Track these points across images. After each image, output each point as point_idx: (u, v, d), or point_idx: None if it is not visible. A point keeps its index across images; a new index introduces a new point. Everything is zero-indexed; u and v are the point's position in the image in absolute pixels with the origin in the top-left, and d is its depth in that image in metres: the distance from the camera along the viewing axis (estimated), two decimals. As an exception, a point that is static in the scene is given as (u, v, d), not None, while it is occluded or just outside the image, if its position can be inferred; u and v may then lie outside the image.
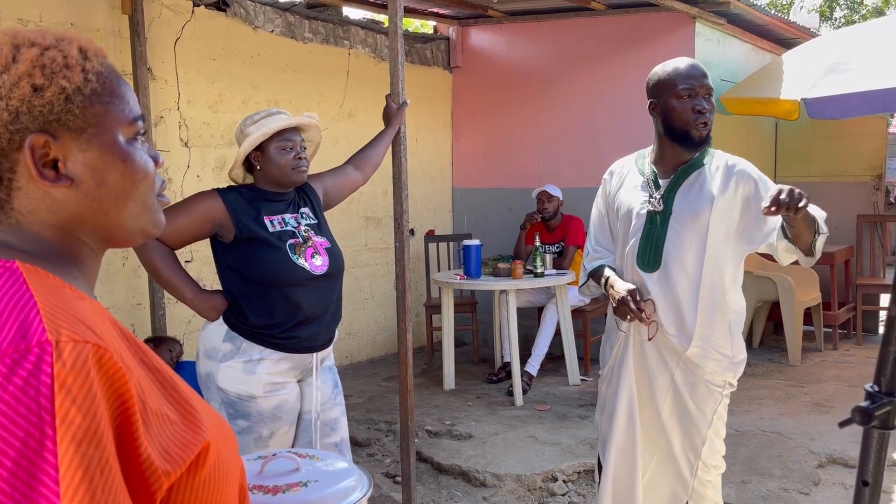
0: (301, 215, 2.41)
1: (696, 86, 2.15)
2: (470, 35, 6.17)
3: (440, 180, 6.28)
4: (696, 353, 2.20)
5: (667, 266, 2.20)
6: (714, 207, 2.16)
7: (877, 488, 1.01)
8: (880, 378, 0.98)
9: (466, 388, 4.94)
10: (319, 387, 2.42)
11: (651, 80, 2.27)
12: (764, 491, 3.32)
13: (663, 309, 2.21)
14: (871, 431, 0.99)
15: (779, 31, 6.01)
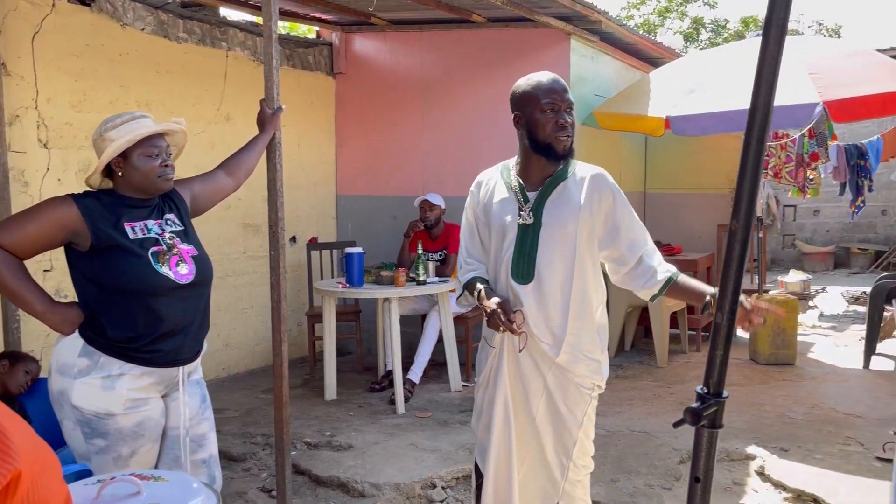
0: (165, 222, 2.31)
1: (558, 100, 2.22)
2: (353, 41, 6.15)
3: (323, 187, 6.20)
4: (566, 360, 2.27)
5: (540, 278, 2.26)
6: (580, 218, 2.24)
7: (707, 484, 1.08)
8: (709, 381, 1.04)
9: (349, 397, 4.89)
10: (186, 402, 2.32)
11: (515, 93, 2.32)
12: (631, 488, 3.47)
13: (536, 319, 2.26)
14: (702, 430, 1.05)
15: (647, 50, 6.35)
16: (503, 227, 2.33)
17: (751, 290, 6.03)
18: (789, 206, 12.14)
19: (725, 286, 1.01)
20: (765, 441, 3.97)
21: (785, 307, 5.62)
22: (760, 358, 5.67)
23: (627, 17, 22.60)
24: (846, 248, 11.70)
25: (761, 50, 0.92)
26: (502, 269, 2.33)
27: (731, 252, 0.99)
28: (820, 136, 7.33)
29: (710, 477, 1.07)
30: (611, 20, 5.28)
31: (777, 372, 5.46)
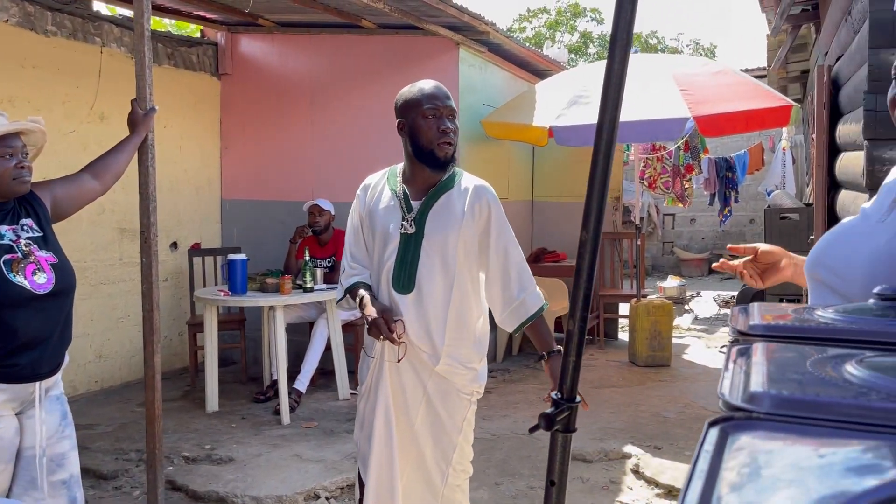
0: (21, 227, 2.16)
1: (440, 106, 2.24)
2: (240, 42, 5.99)
3: (208, 191, 6.00)
4: (445, 369, 2.28)
5: (420, 288, 2.26)
6: (461, 230, 2.26)
7: (562, 487, 1.11)
8: (562, 386, 1.08)
9: (232, 409, 4.74)
10: (44, 419, 2.17)
11: (399, 100, 2.33)
12: (514, 491, 3.54)
13: (416, 329, 2.26)
14: (556, 435, 1.08)
15: (534, 62, 6.54)
16: (385, 234, 2.32)
17: (630, 295, 6.30)
18: (668, 215, 12.80)
19: (577, 295, 1.04)
20: (640, 440, 4.15)
21: (661, 312, 5.91)
22: (638, 360, 5.93)
23: (520, 28, 23.21)
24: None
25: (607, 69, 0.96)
26: (383, 278, 2.32)
27: (582, 262, 1.02)
28: (694, 149, 7.78)
29: (565, 480, 1.11)
30: (498, 32, 5.39)
31: (654, 373, 5.72)
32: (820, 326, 0.92)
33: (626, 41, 0.95)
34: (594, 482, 3.64)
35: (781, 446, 0.56)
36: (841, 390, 0.65)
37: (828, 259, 1.35)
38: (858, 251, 1.29)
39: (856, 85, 3.31)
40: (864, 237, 1.32)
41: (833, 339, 0.88)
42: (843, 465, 0.48)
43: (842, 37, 3.99)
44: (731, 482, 0.50)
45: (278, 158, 5.90)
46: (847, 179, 3.59)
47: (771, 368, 0.75)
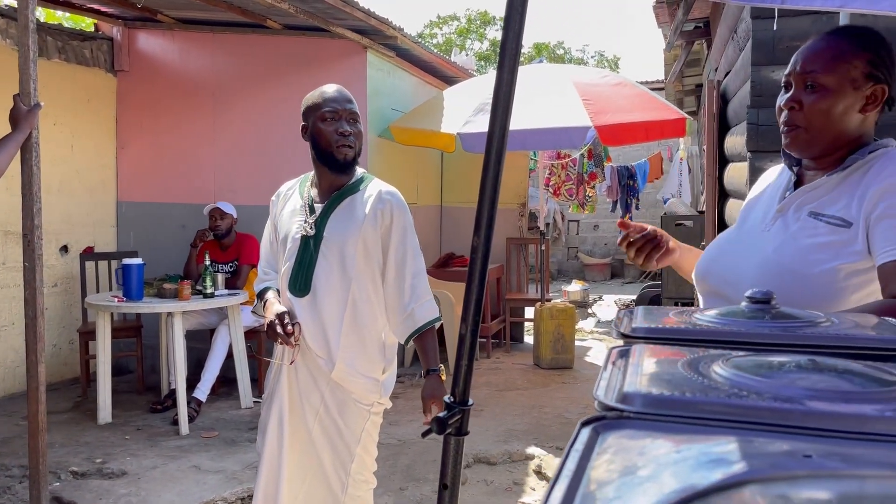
0: None
1: (339, 109, 2.23)
2: (137, 38, 5.75)
3: (102, 192, 5.73)
4: (340, 376, 2.26)
5: (315, 291, 2.24)
6: (361, 234, 2.24)
7: (455, 490, 1.11)
8: (454, 390, 1.08)
9: (126, 420, 4.53)
10: None
11: (303, 104, 2.32)
12: (419, 495, 3.54)
13: (311, 333, 2.25)
14: (449, 438, 1.09)
15: (442, 68, 6.59)
16: (287, 237, 2.32)
17: (534, 299, 6.43)
18: (573, 221, 13.16)
19: (469, 299, 1.05)
20: (543, 441, 4.24)
21: (564, 315, 6.06)
22: (543, 362, 6.06)
23: (430, 34, 23.37)
24: (621, 260, 12.90)
25: (497, 80, 0.98)
26: (282, 280, 2.31)
27: (473, 266, 1.04)
28: (597, 157, 8.04)
29: (458, 483, 1.12)
30: (406, 37, 5.40)
31: (557, 375, 5.86)
32: (697, 329, 0.97)
33: (514, 52, 0.97)
34: (497, 484, 3.68)
35: (647, 444, 0.58)
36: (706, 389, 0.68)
37: (718, 268, 1.42)
38: (746, 260, 1.37)
39: (741, 100, 3.51)
40: (752, 246, 1.39)
41: (708, 341, 0.92)
42: (696, 460, 0.51)
43: (729, 54, 4.23)
44: (597, 481, 0.52)
45: (178, 159, 5.71)
46: (734, 189, 3.80)
47: (646, 369, 0.78)
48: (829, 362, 0.73)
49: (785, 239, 1.36)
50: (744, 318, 0.97)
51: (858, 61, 1.30)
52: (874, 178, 1.28)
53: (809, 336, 0.89)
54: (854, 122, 1.33)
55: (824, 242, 1.30)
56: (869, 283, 1.30)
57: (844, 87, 1.31)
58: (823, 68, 1.32)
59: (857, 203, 1.29)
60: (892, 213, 1.24)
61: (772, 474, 0.43)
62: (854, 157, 1.33)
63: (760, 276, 1.32)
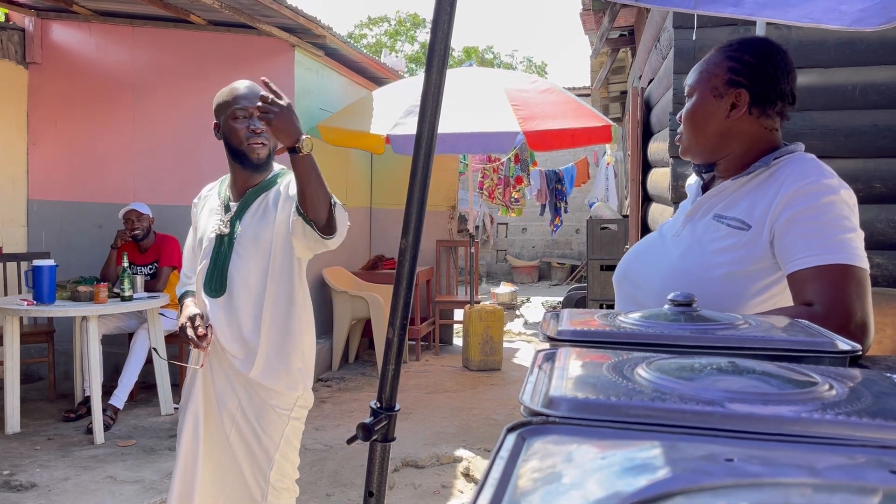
0: None
1: (249, 107, 2.17)
2: (51, 29, 5.49)
3: (12, 190, 5.44)
4: (260, 374, 2.20)
5: (231, 290, 2.19)
6: (275, 227, 2.19)
7: (381, 497, 1.09)
8: (381, 395, 1.06)
9: (36, 429, 4.31)
10: None
11: (214, 102, 2.26)
12: (346, 501, 3.49)
13: (226, 334, 2.19)
14: (375, 445, 1.07)
15: (371, 69, 6.54)
16: (202, 238, 2.27)
17: (464, 302, 6.46)
18: (502, 224, 13.30)
19: (396, 302, 1.04)
20: (471, 443, 4.25)
21: (492, 317, 6.11)
22: (472, 365, 6.09)
23: (360, 35, 23.23)
24: (548, 263, 13.11)
25: (425, 82, 0.97)
26: (199, 282, 2.25)
27: (402, 269, 1.02)
28: (523, 161, 8.15)
29: (384, 490, 1.10)
30: (335, 36, 5.34)
31: (485, 377, 5.90)
32: (621, 331, 0.97)
33: (443, 54, 0.96)
34: (426, 487, 3.67)
35: (572, 450, 0.58)
36: (630, 393, 0.68)
37: (631, 273, 1.45)
38: (656, 265, 1.39)
39: (663, 106, 3.61)
40: (662, 252, 1.42)
41: (632, 343, 0.94)
42: (620, 466, 0.50)
43: (653, 62, 4.35)
44: (522, 488, 0.51)
45: (95, 157, 5.47)
46: (657, 193, 3.90)
47: (571, 373, 0.78)
48: (747, 364, 0.74)
49: (691, 243, 1.39)
50: (666, 320, 0.99)
51: (719, 69, 1.39)
52: (779, 185, 1.31)
53: (728, 338, 0.91)
54: (719, 127, 1.39)
55: (725, 246, 1.33)
56: (769, 287, 1.32)
57: (706, 95, 1.40)
58: (694, 79, 1.43)
59: (763, 208, 1.31)
60: (799, 221, 1.26)
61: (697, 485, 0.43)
62: (757, 163, 1.36)
63: (666, 281, 1.35)
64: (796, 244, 1.26)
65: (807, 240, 1.24)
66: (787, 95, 1.37)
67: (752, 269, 1.31)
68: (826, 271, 1.21)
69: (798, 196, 1.27)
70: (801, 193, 1.26)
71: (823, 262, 1.21)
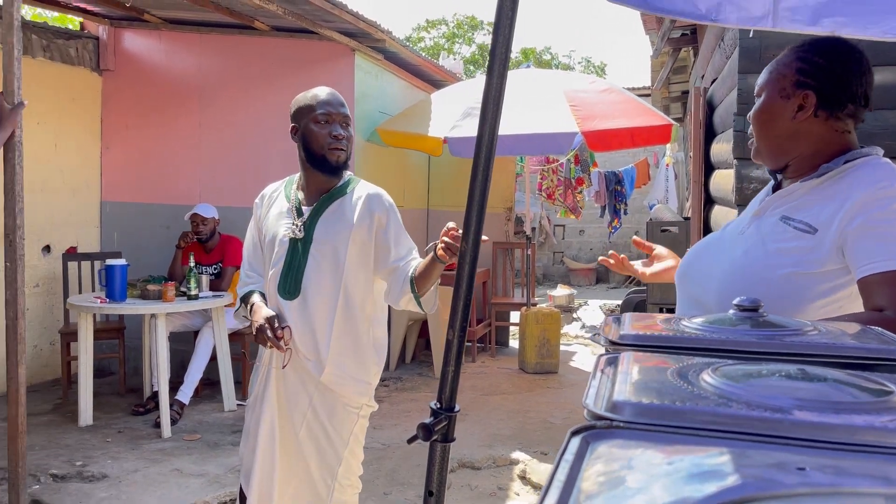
0: None
1: (332, 112, 2.23)
2: (123, 37, 5.71)
3: (86, 192, 5.67)
4: (330, 379, 2.25)
5: (305, 293, 2.23)
6: (352, 236, 2.24)
7: (441, 497, 1.11)
8: (441, 396, 1.08)
9: (108, 422, 4.49)
10: None
11: (293, 105, 2.31)
12: (403, 500, 3.53)
13: (300, 336, 2.23)
14: (435, 445, 1.08)
15: (430, 72, 6.58)
16: (274, 240, 2.31)
17: (520, 304, 6.44)
18: (559, 226, 13.20)
19: (456, 304, 1.05)
20: (528, 446, 4.23)
21: (549, 320, 6.07)
22: (528, 367, 6.07)
23: (418, 38, 23.39)
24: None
25: (486, 84, 0.97)
26: (271, 283, 2.29)
27: (461, 272, 1.03)
28: (584, 162, 8.06)
29: (444, 490, 1.11)
30: (394, 40, 5.39)
31: (542, 380, 5.87)
32: (684, 336, 0.96)
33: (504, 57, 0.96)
34: (482, 489, 3.68)
35: (637, 454, 0.58)
36: (696, 398, 0.68)
37: (691, 272, 1.43)
38: (717, 263, 1.37)
39: (727, 107, 3.53)
40: (723, 250, 1.40)
41: (695, 349, 0.92)
42: (688, 472, 0.50)
43: (716, 61, 4.25)
44: (587, 492, 0.51)
45: (163, 160, 5.66)
46: (719, 195, 3.82)
47: (635, 378, 0.77)
48: (817, 371, 0.73)
49: (755, 242, 1.37)
50: (731, 326, 0.97)
51: (788, 70, 1.37)
52: (850, 189, 1.28)
53: (796, 345, 0.89)
54: (786, 129, 1.37)
55: (789, 248, 1.31)
56: (833, 291, 1.29)
57: (773, 96, 1.38)
58: (764, 79, 1.41)
59: (830, 212, 1.29)
60: (871, 226, 1.24)
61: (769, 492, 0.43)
62: (828, 165, 1.34)
63: (727, 278, 1.34)
64: (867, 249, 1.23)
65: (878, 245, 1.21)
66: (859, 97, 1.33)
67: (816, 272, 1.28)
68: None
69: (871, 201, 1.25)
70: (874, 199, 1.24)
71: (895, 266, 1.18)
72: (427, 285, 2.19)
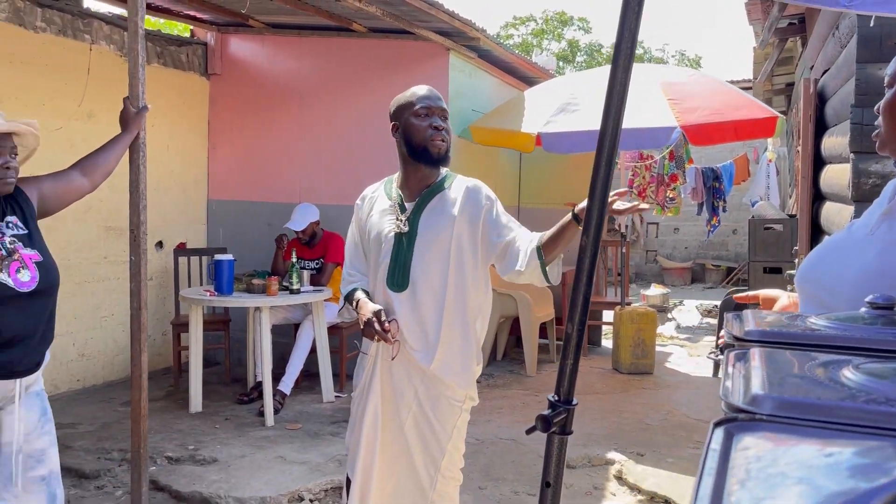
0: (6, 225, 2.14)
1: (432, 105, 2.30)
2: (229, 43, 5.97)
3: (194, 191, 5.97)
4: (438, 368, 2.29)
5: (414, 286, 2.29)
6: (455, 228, 2.29)
7: (557, 489, 1.12)
8: (559, 388, 1.09)
9: (215, 409, 4.71)
10: (23, 416, 2.15)
11: (393, 105, 2.38)
12: (498, 495, 3.55)
13: (409, 327, 2.29)
14: (552, 437, 1.09)
15: (522, 69, 6.57)
16: (380, 236, 2.37)
17: (613, 303, 6.34)
18: (652, 224, 12.89)
19: (576, 298, 1.06)
20: (623, 446, 4.17)
21: (645, 320, 5.95)
22: (622, 367, 5.97)
23: (506, 35, 23.33)
24: (702, 265, 12.55)
25: (611, 76, 0.98)
26: (379, 278, 2.36)
27: (582, 265, 1.04)
28: (679, 158, 7.85)
29: (560, 482, 1.12)
30: (488, 38, 5.41)
31: (637, 380, 5.76)
32: (813, 333, 0.94)
33: (630, 48, 0.96)
34: (577, 488, 3.65)
35: (786, 446, 0.57)
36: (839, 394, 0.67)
37: (817, 273, 1.37)
38: (848, 265, 1.31)
39: (842, 98, 3.37)
40: (854, 251, 1.34)
41: (825, 346, 0.90)
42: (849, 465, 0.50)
43: (829, 51, 4.06)
44: (740, 479, 0.51)
45: (266, 159, 5.89)
46: (832, 191, 3.65)
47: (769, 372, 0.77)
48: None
49: (888, 244, 1.30)
50: (863, 323, 0.94)
51: None
52: None
53: (941, 344, 0.85)
54: None
55: None
56: None
57: None
58: (894, 69, 1.30)
59: None
60: None
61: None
62: None
63: (860, 282, 1.27)
64: None
65: None
66: None
67: None
68: None
69: None
70: None
71: None
72: (555, 251, 2.21)
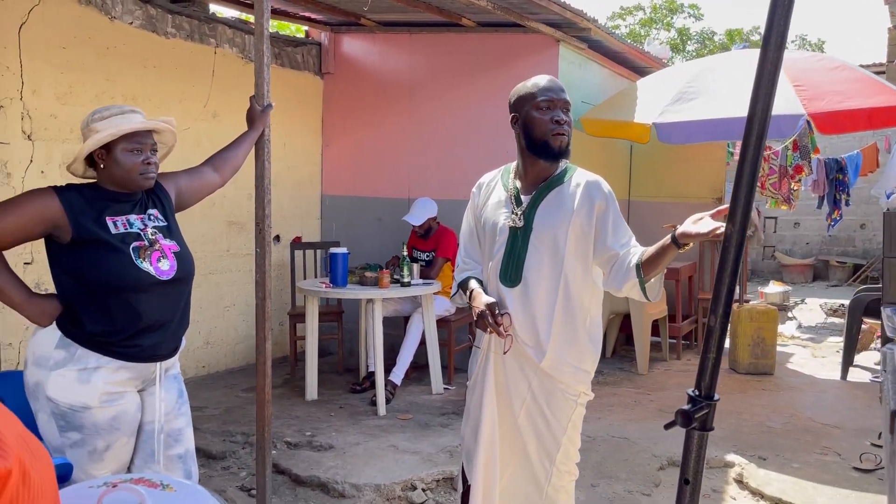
0: (148, 217, 2.28)
1: (554, 98, 2.24)
2: (342, 42, 6.13)
3: (309, 187, 6.18)
4: (549, 366, 2.27)
5: (526, 281, 2.26)
6: (571, 224, 2.24)
7: (697, 486, 1.08)
8: (700, 383, 1.05)
9: (330, 398, 4.87)
10: (163, 397, 2.29)
11: (513, 95, 2.34)
12: (610, 493, 3.48)
13: (521, 323, 2.27)
14: (692, 433, 1.05)
15: (634, 59, 6.40)
16: (495, 229, 2.35)
17: (732, 300, 6.08)
18: (770, 218, 12.27)
19: (719, 289, 1.01)
20: (743, 449, 4.00)
21: (765, 318, 5.67)
22: (740, 367, 5.72)
23: (613, 26, 22.80)
24: (825, 261, 11.84)
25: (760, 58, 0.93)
26: (492, 271, 2.34)
27: (727, 255, 0.99)
28: (803, 148, 7.42)
29: (700, 479, 1.08)
30: (599, 28, 5.31)
31: (756, 381, 5.50)
32: None
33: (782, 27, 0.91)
34: (695, 490, 3.52)
35: None
36: None
37: None
38: None
39: None
40: None
41: None
42: None
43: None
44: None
45: (377, 156, 6.02)
46: (983, 181, 3.34)
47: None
48: None
49: None
50: None
51: None
52: None
53: None
54: None
55: None
56: None
57: None
58: None
59: None
60: None
61: None
62: None
63: None
64: None
65: None
66: None
67: None
68: None
69: None
70: None
71: None
72: (654, 271, 2.15)
